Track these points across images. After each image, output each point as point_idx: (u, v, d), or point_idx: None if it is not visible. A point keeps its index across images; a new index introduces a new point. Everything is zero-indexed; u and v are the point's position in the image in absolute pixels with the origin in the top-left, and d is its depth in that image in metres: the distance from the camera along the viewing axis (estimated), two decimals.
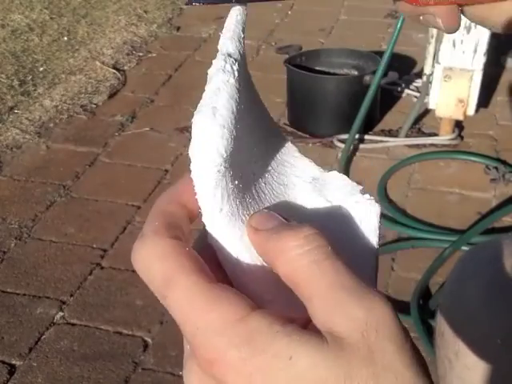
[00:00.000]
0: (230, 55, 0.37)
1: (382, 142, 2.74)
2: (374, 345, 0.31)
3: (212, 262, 0.36)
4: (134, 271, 1.51)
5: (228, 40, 0.37)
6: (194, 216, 0.38)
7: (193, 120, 0.35)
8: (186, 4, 0.38)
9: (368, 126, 2.77)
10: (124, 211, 2.38)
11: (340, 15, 3.90)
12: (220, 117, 0.35)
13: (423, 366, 0.33)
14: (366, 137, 2.75)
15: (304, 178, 0.42)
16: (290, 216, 0.36)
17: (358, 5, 3.99)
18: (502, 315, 0.83)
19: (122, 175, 2.58)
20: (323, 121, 2.79)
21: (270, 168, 0.41)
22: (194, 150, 0.35)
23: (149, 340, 1.88)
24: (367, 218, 0.40)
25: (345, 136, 2.63)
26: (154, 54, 3.53)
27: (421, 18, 0.44)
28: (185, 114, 2.95)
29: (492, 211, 2.33)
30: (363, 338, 0.31)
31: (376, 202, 0.40)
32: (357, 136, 2.67)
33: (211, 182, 0.35)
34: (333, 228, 0.39)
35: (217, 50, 0.38)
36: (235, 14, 0.38)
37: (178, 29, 3.82)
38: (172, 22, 3.91)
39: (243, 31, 0.38)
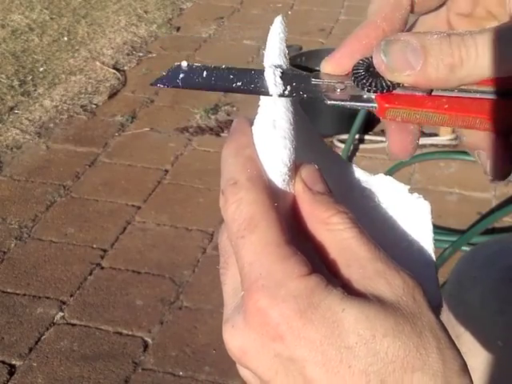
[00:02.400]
0: (278, 67, 0.38)
1: (382, 142, 2.74)
2: (413, 308, 0.34)
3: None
4: (134, 271, 1.51)
5: (275, 55, 0.39)
6: None
7: (254, 132, 0.37)
8: (151, 85, 0.40)
9: (368, 126, 2.77)
10: (124, 211, 2.38)
11: (340, 15, 3.90)
12: (280, 128, 0.37)
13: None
14: (366, 137, 2.75)
15: (355, 182, 0.43)
16: None
17: (358, 5, 3.99)
18: (502, 316, 0.83)
19: (122, 175, 2.58)
20: (323, 121, 2.79)
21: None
22: (262, 161, 0.37)
23: (149, 340, 1.88)
24: (420, 215, 0.41)
25: (345, 136, 2.63)
26: (154, 54, 3.53)
27: (476, 153, 0.43)
28: (185, 115, 2.95)
29: (492, 211, 2.33)
30: (403, 301, 0.34)
31: (425, 199, 0.42)
32: (357, 136, 2.67)
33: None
34: (384, 227, 0.41)
35: (217, 50, 0.38)
36: (277, 30, 0.39)
37: (178, 29, 3.82)
38: (172, 22, 3.91)
39: (286, 46, 0.41)
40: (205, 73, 0.41)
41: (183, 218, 2.33)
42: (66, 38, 3.65)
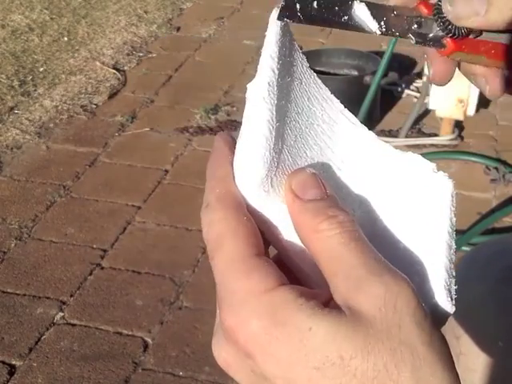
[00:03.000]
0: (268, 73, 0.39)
1: None
2: (392, 320, 0.32)
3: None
4: (134, 271, 1.51)
5: (269, 56, 0.40)
6: None
7: (236, 152, 0.38)
8: (278, 19, 0.41)
9: (368, 127, 2.74)
10: (124, 211, 2.38)
11: None
12: (260, 147, 0.37)
13: (443, 344, 0.33)
14: None
15: (371, 154, 0.43)
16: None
17: None
18: (503, 316, 0.83)
19: (122, 175, 2.58)
20: None
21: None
22: (241, 154, 0.38)
23: (149, 340, 1.88)
24: (439, 195, 0.40)
25: None
26: (154, 55, 3.53)
27: (472, 78, 0.46)
28: (185, 115, 2.95)
29: (492, 211, 2.33)
30: (380, 313, 0.32)
31: (449, 178, 0.42)
32: None
33: (254, 200, 0.37)
34: (396, 201, 0.40)
35: (217, 50, 0.38)
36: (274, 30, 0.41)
37: (178, 29, 3.82)
38: (172, 22, 3.91)
39: (288, 42, 0.41)
40: (315, 3, 0.40)
41: (183, 218, 2.33)
42: (66, 38, 3.65)
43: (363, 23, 0.40)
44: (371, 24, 0.40)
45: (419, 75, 3.11)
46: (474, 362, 0.82)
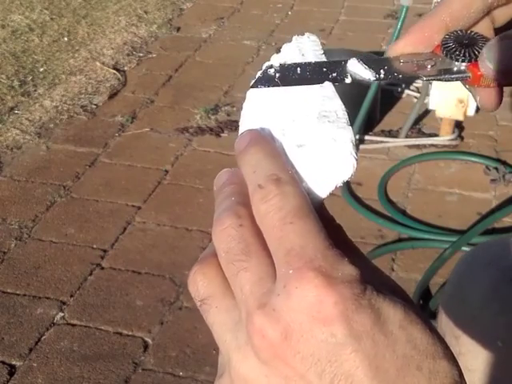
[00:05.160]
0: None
1: (382, 142, 2.74)
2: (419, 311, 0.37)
3: None
4: (134, 271, 1.51)
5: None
6: None
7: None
8: (252, 87, 0.41)
9: (368, 127, 2.77)
10: (124, 211, 2.38)
11: (340, 16, 3.90)
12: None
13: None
14: (366, 137, 2.75)
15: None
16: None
17: (358, 5, 3.99)
18: (502, 316, 0.83)
19: (122, 176, 2.58)
20: None
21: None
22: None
23: (149, 340, 1.88)
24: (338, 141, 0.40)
25: None
26: (154, 55, 3.53)
27: (466, 85, 0.46)
28: (185, 115, 2.95)
29: (492, 212, 2.33)
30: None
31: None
32: (357, 136, 2.67)
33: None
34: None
35: (217, 51, 0.38)
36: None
37: (178, 29, 3.82)
38: (172, 22, 3.91)
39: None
40: (298, 69, 0.41)
41: (183, 219, 2.33)
42: (66, 39, 3.65)
43: (355, 75, 0.42)
44: (364, 73, 0.42)
45: None
46: (473, 361, 0.82)
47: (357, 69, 0.42)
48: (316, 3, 4.04)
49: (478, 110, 2.74)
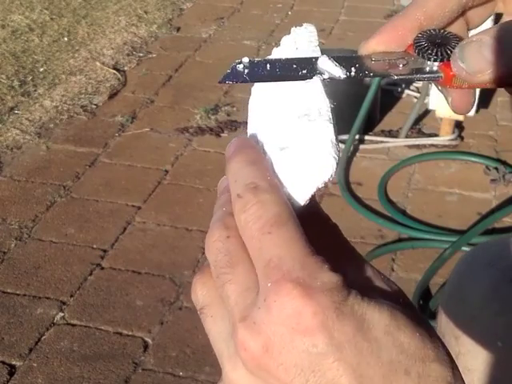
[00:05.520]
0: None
1: (382, 142, 2.74)
2: (413, 309, 0.37)
3: None
4: (134, 271, 1.51)
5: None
6: None
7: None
8: (219, 82, 0.41)
9: (368, 127, 2.77)
10: (124, 211, 2.38)
11: (340, 16, 3.90)
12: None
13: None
14: (366, 137, 2.75)
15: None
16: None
17: (357, 5, 3.99)
18: (502, 316, 0.83)
19: (122, 176, 2.58)
20: None
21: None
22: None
23: (149, 340, 1.88)
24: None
25: (345, 137, 2.63)
26: (154, 55, 3.53)
27: (439, 87, 0.45)
28: (185, 115, 2.95)
29: (492, 212, 2.33)
30: (402, 303, 0.37)
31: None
32: (357, 136, 2.67)
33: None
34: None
35: (217, 51, 0.38)
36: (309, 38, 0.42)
37: (178, 29, 3.82)
38: (172, 22, 3.91)
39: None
40: (268, 65, 0.41)
41: (183, 219, 2.33)
42: (66, 39, 3.65)
43: (325, 72, 0.41)
44: (334, 71, 0.41)
45: None
46: (473, 361, 0.82)
47: (327, 66, 0.41)
48: (316, 3, 4.04)
49: (478, 110, 2.74)
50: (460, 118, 2.69)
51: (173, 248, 2.21)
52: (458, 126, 2.78)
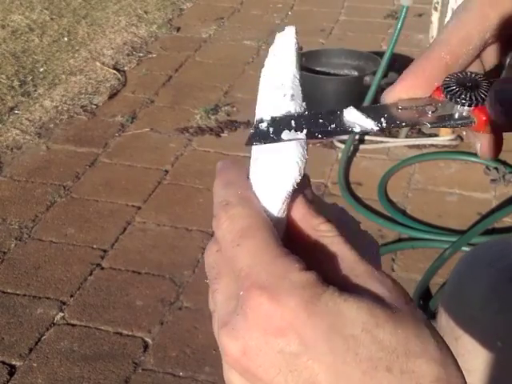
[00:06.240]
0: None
1: (382, 142, 2.75)
2: (405, 302, 0.36)
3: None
4: (134, 271, 1.51)
5: (292, 67, 0.40)
6: None
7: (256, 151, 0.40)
8: (246, 145, 0.40)
9: None
10: (124, 212, 2.38)
11: (340, 16, 3.90)
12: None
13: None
14: (366, 137, 2.75)
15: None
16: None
17: (358, 5, 3.99)
18: (502, 317, 0.83)
19: (122, 176, 2.58)
20: None
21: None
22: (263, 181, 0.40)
23: (149, 340, 1.88)
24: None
25: (345, 137, 2.63)
26: (154, 55, 3.53)
27: (464, 133, 0.46)
28: (185, 115, 2.95)
29: (492, 212, 2.33)
30: (395, 296, 0.36)
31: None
32: (357, 136, 2.67)
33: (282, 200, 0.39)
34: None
35: (217, 51, 0.38)
36: (291, 41, 0.41)
37: (178, 29, 3.82)
38: (172, 22, 3.91)
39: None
40: (293, 122, 0.39)
41: (183, 219, 2.33)
42: (66, 39, 3.65)
43: (355, 125, 0.39)
44: (365, 123, 0.39)
45: None
46: (473, 362, 0.82)
47: (356, 118, 0.40)
48: (316, 3, 4.04)
49: None
50: None
51: (173, 248, 2.21)
52: None
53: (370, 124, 0.39)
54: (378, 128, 0.39)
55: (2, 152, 2.71)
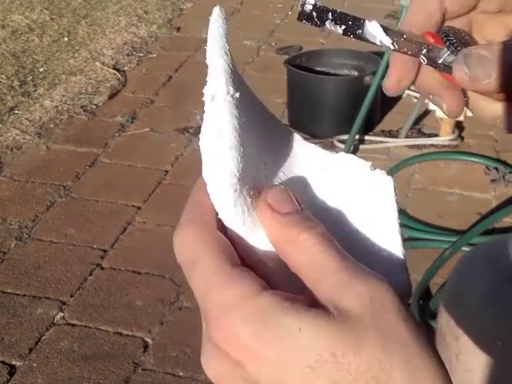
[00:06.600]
0: (224, 71, 0.36)
1: (382, 142, 2.75)
2: (380, 316, 0.33)
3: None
4: (134, 271, 1.51)
5: (218, 55, 0.37)
6: None
7: (200, 145, 0.36)
8: (298, 19, 0.42)
9: (368, 127, 2.77)
10: (124, 212, 2.38)
11: None
12: (225, 138, 0.35)
13: (428, 339, 0.34)
14: (367, 137, 2.75)
15: (313, 164, 0.42)
16: (303, 201, 0.38)
17: (358, 5, 3.99)
18: (502, 317, 0.83)
19: (122, 176, 2.58)
20: (323, 121, 2.79)
21: (280, 165, 0.41)
22: (209, 175, 0.36)
23: (149, 340, 1.88)
24: (382, 190, 0.41)
25: (345, 137, 2.63)
26: (154, 55, 3.53)
27: (430, 96, 0.49)
28: (185, 115, 2.95)
29: (492, 212, 2.33)
30: (368, 310, 0.33)
31: (388, 174, 0.42)
32: (357, 137, 2.67)
33: (230, 202, 0.36)
34: (347, 205, 0.40)
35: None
36: (216, 26, 0.38)
37: (178, 29, 3.82)
38: (172, 22, 3.91)
39: (226, 41, 0.38)
40: (330, 15, 0.43)
41: None
42: (66, 39, 3.65)
43: (376, 38, 0.43)
44: (385, 39, 0.43)
45: None
46: (473, 362, 0.82)
47: (377, 32, 0.43)
48: None
49: None
50: (460, 118, 2.69)
51: (173, 248, 2.20)
52: (458, 126, 2.78)
53: (387, 41, 0.43)
54: (393, 48, 0.44)
55: (2, 152, 2.71)
